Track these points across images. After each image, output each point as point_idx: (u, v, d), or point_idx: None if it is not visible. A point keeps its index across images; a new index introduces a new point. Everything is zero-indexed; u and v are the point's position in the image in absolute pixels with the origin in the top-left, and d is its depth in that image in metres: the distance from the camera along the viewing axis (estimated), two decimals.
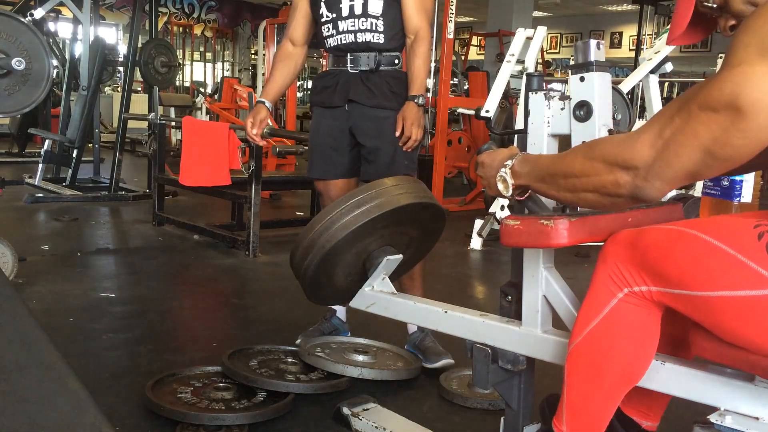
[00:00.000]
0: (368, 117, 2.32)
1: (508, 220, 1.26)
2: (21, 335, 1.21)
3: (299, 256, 1.82)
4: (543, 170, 1.20)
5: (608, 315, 1.21)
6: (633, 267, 1.19)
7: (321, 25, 2.36)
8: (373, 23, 2.28)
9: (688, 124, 0.98)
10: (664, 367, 1.21)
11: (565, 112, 1.38)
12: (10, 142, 8.16)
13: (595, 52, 1.34)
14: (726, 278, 1.06)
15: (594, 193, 1.10)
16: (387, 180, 1.90)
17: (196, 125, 4.43)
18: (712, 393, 1.15)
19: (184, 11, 14.81)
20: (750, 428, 1.08)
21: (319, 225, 1.77)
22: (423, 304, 1.71)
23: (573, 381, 1.27)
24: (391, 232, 1.86)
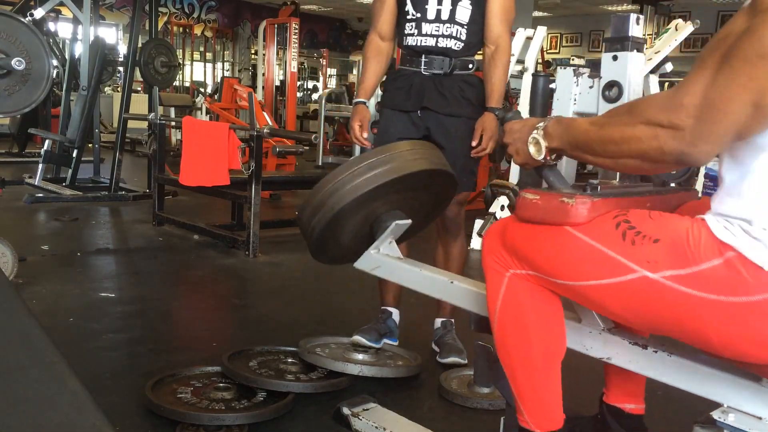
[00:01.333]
0: (441, 123, 2.31)
1: (526, 194, 1.23)
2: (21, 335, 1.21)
3: (307, 215, 1.77)
4: (579, 135, 1.17)
5: (505, 295, 1.27)
6: (507, 253, 1.25)
7: (404, 22, 2.34)
8: (458, 30, 2.27)
9: (732, 80, 0.95)
10: (670, 359, 1.21)
11: (593, 91, 1.34)
12: (10, 142, 8.15)
13: (633, 27, 1.27)
14: (590, 269, 1.12)
15: (637, 159, 1.07)
16: (401, 144, 1.85)
17: (196, 125, 4.42)
18: (717, 389, 1.15)
19: (184, 11, 14.82)
20: (753, 428, 1.08)
21: (329, 185, 1.71)
22: (429, 272, 1.67)
23: (509, 370, 1.31)
24: (401, 197, 1.82)
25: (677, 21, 5.08)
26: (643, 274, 1.06)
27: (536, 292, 1.25)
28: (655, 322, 1.11)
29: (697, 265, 1.02)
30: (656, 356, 1.22)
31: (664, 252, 1.05)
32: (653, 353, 1.23)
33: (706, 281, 1.02)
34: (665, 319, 1.08)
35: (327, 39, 17.07)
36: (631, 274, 1.07)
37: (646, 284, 1.06)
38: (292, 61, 8.07)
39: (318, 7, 15.85)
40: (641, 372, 1.27)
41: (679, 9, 13.15)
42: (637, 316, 1.12)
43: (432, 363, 2.40)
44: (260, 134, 3.92)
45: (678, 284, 1.03)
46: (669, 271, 1.04)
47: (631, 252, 1.08)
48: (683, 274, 1.03)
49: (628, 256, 1.08)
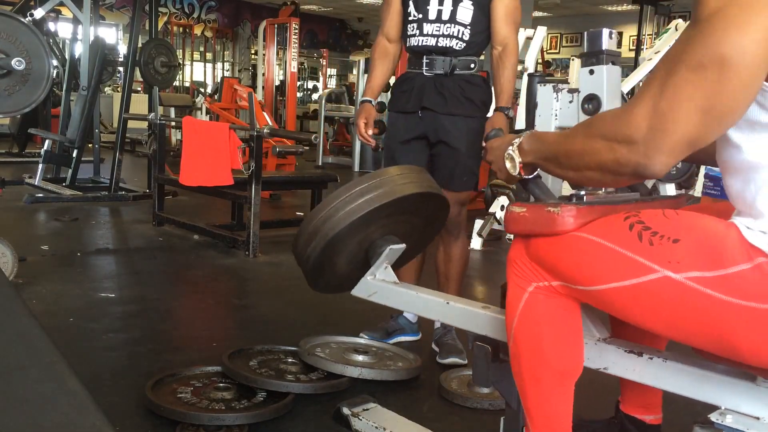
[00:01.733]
0: (440, 123, 2.34)
1: (514, 207, 1.25)
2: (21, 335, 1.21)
3: (302, 243, 1.79)
4: (548, 147, 1.19)
5: (523, 311, 1.25)
6: (531, 263, 1.23)
7: (407, 23, 2.37)
8: (459, 30, 2.29)
9: (679, 88, 0.96)
10: (665, 365, 1.21)
11: (573, 105, 1.35)
12: (10, 142, 8.15)
13: (607, 42, 1.29)
14: (610, 271, 1.10)
15: (596, 171, 1.08)
16: (391, 169, 1.89)
17: (196, 125, 4.43)
18: (713, 392, 1.15)
19: (184, 11, 14.82)
20: (750, 428, 1.08)
21: (323, 212, 1.75)
22: (425, 295, 1.69)
23: (521, 387, 1.30)
24: (394, 221, 1.85)
25: (677, 21, 5.09)
26: (665, 274, 1.04)
27: (557, 309, 1.23)
28: (678, 326, 1.07)
29: (725, 268, 1.00)
30: (652, 363, 1.22)
31: (687, 252, 1.03)
32: (649, 360, 1.23)
33: (733, 285, 0.99)
34: (688, 324, 1.05)
35: (327, 39, 17.08)
36: (653, 274, 1.05)
37: (669, 285, 1.04)
38: (292, 61, 8.07)
39: (318, 7, 15.85)
40: (639, 380, 1.26)
41: (679, 9, 13.14)
42: (660, 320, 1.09)
43: (432, 363, 2.40)
44: (260, 134, 3.92)
45: (703, 286, 1.01)
46: (693, 272, 1.01)
47: (650, 252, 1.06)
48: (709, 277, 1.00)
49: (647, 256, 1.06)
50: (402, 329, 2.49)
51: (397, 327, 2.49)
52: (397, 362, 2.35)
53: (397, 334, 2.47)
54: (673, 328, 1.09)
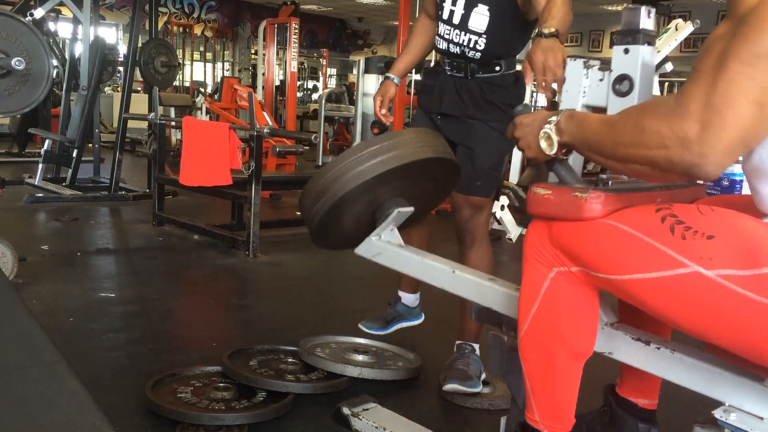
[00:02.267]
0: (457, 127, 2.19)
1: (538, 189, 1.21)
2: (21, 335, 1.21)
3: (309, 200, 1.75)
4: (590, 133, 1.14)
5: (545, 296, 1.23)
6: (554, 248, 1.21)
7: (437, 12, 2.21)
8: (472, 40, 2.09)
9: (732, 82, 0.94)
10: (672, 356, 1.20)
11: (603, 84, 1.31)
12: (10, 142, 8.15)
13: (644, 20, 1.24)
14: (638, 262, 1.08)
15: (645, 165, 1.05)
16: (406, 131, 1.83)
17: (196, 125, 4.42)
18: (719, 387, 1.14)
19: (184, 11, 14.82)
20: (754, 428, 1.08)
21: (332, 171, 1.70)
22: (430, 260, 1.64)
23: (530, 368, 1.29)
24: (404, 184, 1.81)
25: (677, 21, 5.09)
26: (696, 269, 1.02)
27: (577, 295, 1.22)
28: (702, 323, 1.06)
29: (760, 267, 0.98)
30: (659, 353, 1.21)
31: (721, 249, 1.01)
32: (656, 350, 1.22)
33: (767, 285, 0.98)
34: (714, 321, 1.04)
35: (327, 39, 17.07)
36: (682, 268, 1.03)
37: (698, 281, 1.02)
38: (292, 61, 8.06)
39: (318, 7, 15.85)
40: (643, 368, 1.25)
41: (679, 9, 13.14)
42: (685, 315, 1.07)
43: (432, 363, 2.39)
44: (260, 134, 3.92)
45: (735, 285, 0.99)
46: (726, 270, 1.00)
47: (682, 246, 1.04)
48: (742, 275, 0.99)
49: (678, 250, 1.04)
50: (400, 316, 2.40)
51: (396, 314, 2.39)
52: (397, 362, 2.35)
53: (396, 321, 2.38)
54: (696, 324, 1.07)
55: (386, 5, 14.91)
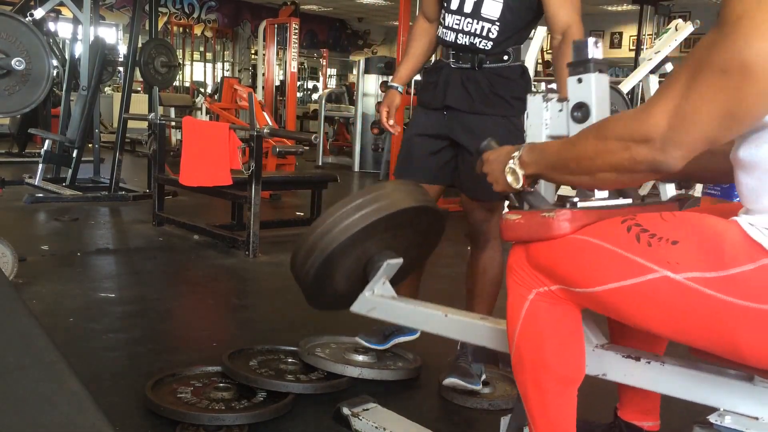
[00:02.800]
0: (464, 123, 2.10)
1: (508, 215, 1.25)
2: (21, 335, 1.21)
3: (300, 260, 1.82)
4: (553, 156, 1.18)
5: (525, 318, 1.25)
6: (531, 269, 1.24)
7: (440, 8, 2.16)
8: (485, 28, 2.03)
9: (702, 90, 0.96)
10: (663, 368, 1.22)
11: (563, 114, 1.37)
12: (10, 142, 8.15)
13: (592, 50, 1.30)
14: (609, 272, 1.11)
15: (611, 172, 1.08)
16: (387, 183, 1.88)
17: (196, 125, 4.43)
18: (712, 393, 1.15)
19: (184, 11, 14.82)
20: (749, 428, 1.08)
21: (320, 228, 1.77)
22: (423, 308, 1.71)
23: (523, 393, 1.30)
24: (391, 236, 1.85)
25: (677, 21, 5.09)
26: (664, 274, 1.04)
27: (558, 315, 1.23)
28: (678, 326, 1.07)
29: (726, 269, 0.99)
30: (649, 367, 1.23)
31: (686, 253, 1.03)
32: (646, 364, 1.23)
33: (736, 286, 0.99)
34: (688, 324, 1.05)
35: (327, 39, 17.08)
36: (651, 273, 1.05)
37: (668, 285, 1.03)
38: (292, 61, 8.07)
39: (318, 7, 15.85)
40: (637, 384, 1.27)
41: (679, 9, 13.14)
42: (659, 320, 1.09)
43: (432, 364, 2.39)
44: (260, 134, 3.92)
45: (704, 287, 1.00)
46: (693, 272, 1.01)
47: (648, 253, 1.06)
48: (710, 277, 1.00)
49: (646, 257, 1.06)
50: (399, 330, 2.38)
51: (394, 328, 2.37)
52: (397, 362, 2.35)
53: (394, 336, 2.37)
54: (672, 329, 1.09)
55: (386, 5, 14.91)
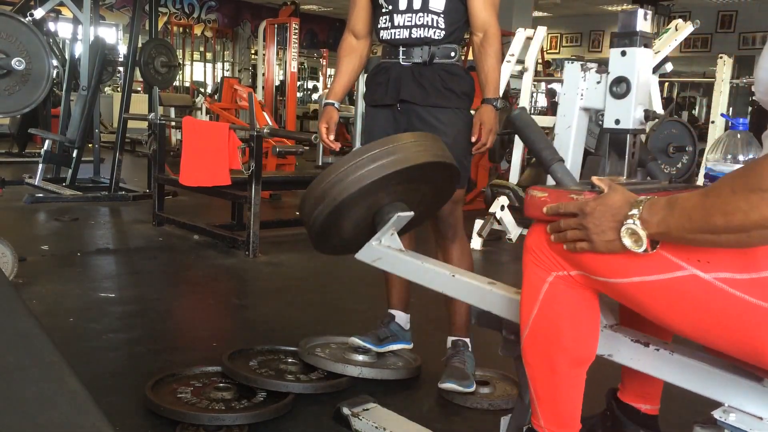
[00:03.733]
0: (422, 117, 2.17)
1: (534, 191, 1.22)
2: (21, 335, 1.21)
3: (309, 206, 1.74)
4: (689, 212, 1.00)
5: (544, 300, 1.23)
6: (552, 253, 1.21)
7: (378, 15, 2.24)
8: (433, 19, 2.14)
9: None
10: (672, 357, 1.20)
11: (600, 86, 1.32)
12: (10, 142, 8.15)
13: (641, 22, 1.24)
14: (636, 265, 1.08)
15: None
16: (405, 135, 1.83)
17: (196, 125, 4.43)
18: (718, 388, 1.14)
19: (184, 11, 14.81)
20: (753, 428, 1.08)
21: (332, 176, 1.69)
22: (430, 265, 1.65)
23: (533, 374, 1.29)
24: (404, 189, 1.80)
25: (677, 21, 5.09)
26: (693, 272, 1.02)
27: (577, 299, 1.22)
28: (700, 325, 1.06)
29: (757, 271, 0.98)
30: (658, 354, 1.21)
31: (717, 253, 1.01)
32: (655, 351, 1.22)
33: (765, 289, 0.97)
34: (711, 324, 1.04)
35: (327, 39, 17.06)
36: (680, 271, 1.03)
37: (696, 284, 1.02)
38: (292, 61, 8.06)
39: (318, 7, 15.85)
40: (643, 369, 1.25)
41: (679, 9, 13.14)
42: (681, 318, 1.07)
43: (432, 363, 2.39)
44: (260, 134, 3.92)
45: (732, 288, 0.99)
46: (723, 273, 1.00)
47: (678, 249, 1.04)
48: (739, 279, 0.99)
49: (675, 253, 1.04)
50: (394, 336, 2.38)
51: (389, 334, 2.37)
52: (397, 362, 2.35)
53: (389, 341, 2.36)
54: (694, 327, 1.07)
55: None
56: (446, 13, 2.14)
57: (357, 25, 2.33)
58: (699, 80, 11.99)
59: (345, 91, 2.39)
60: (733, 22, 14.07)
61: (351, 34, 2.36)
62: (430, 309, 2.55)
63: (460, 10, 2.17)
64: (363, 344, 2.28)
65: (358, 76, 2.44)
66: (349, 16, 2.36)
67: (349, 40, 2.36)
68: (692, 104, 15.48)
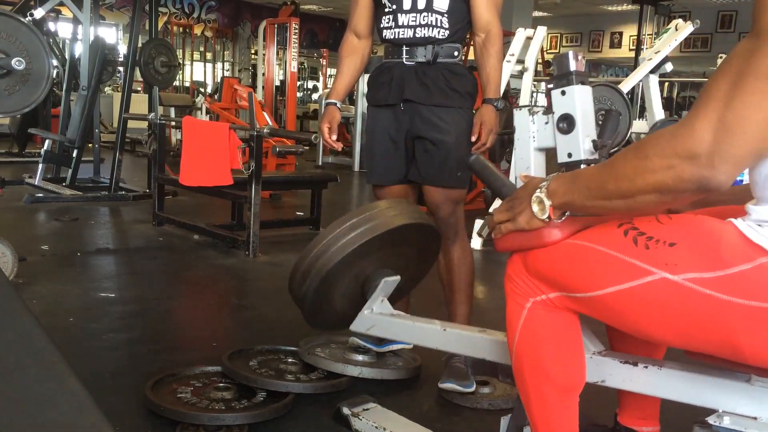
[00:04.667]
0: (425, 117, 2.18)
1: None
2: (21, 335, 1.21)
3: (297, 281, 1.84)
4: (587, 181, 1.11)
5: (523, 327, 1.25)
6: (530, 278, 1.23)
7: (381, 15, 2.23)
8: (437, 19, 2.14)
9: (747, 99, 0.93)
10: (661, 372, 1.22)
11: (549, 126, 1.39)
12: (10, 142, 8.15)
13: (573, 63, 1.34)
14: (608, 275, 1.10)
15: (653, 193, 1.01)
16: (380, 203, 1.89)
17: (196, 125, 4.43)
18: (709, 395, 1.15)
19: (184, 11, 14.82)
20: (748, 428, 1.09)
21: (315, 250, 1.79)
22: (421, 324, 1.73)
23: (525, 401, 1.30)
24: (387, 254, 1.87)
25: (677, 21, 5.10)
26: (663, 275, 1.03)
27: (557, 323, 1.23)
28: (677, 329, 1.07)
29: (723, 269, 0.99)
30: (647, 371, 1.23)
31: (683, 254, 1.03)
32: (644, 369, 1.24)
33: (734, 285, 0.98)
34: (688, 325, 1.05)
35: (327, 39, 17.07)
36: (649, 276, 1.05)
37: (667, 286, 1.03)
38: (292, 61, 8.07)
39: (318, 7, 15.85)
40: (636, 390, 1.27)
41: (679, 9, 13.15)
42: (658, 323, 1.08)
43: (432, 363, 2.39)
44: (260, 134, 3.92)
45: (702, 287, 1.00)
46: (691, 273, 1.01)
47: (646, 256, 1.06)
48: (708, 278, 1.00)
49: (643, 259, 1.06)
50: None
51: None
52: (397, 362, 2.34)
53: (389, 341, 2.33)
54: (672, 332, 1.09)
55: None
56: (450, 12, 2.15)
57: (359, 24, 2.33)
58: (699, 80, 12.00)
59: (347, 90, 2.38)
60: (733, 22, 14.09)
61: (353, 33, 2.35)
62: (430, 309, 2.55)
63: (463, 10, 2.17)
64: (363, 344, 2.28)
65: (359, 76, 2.44)
66: (351, 16, 2.35)
67: (351, 39, 2.36)
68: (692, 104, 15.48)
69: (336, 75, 2.40)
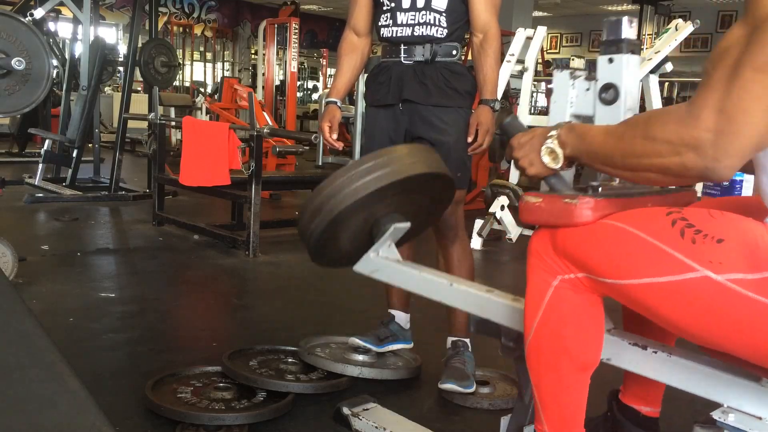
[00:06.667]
0: (424, 117, 2.17)
1: (529, 197, 1.22)
2: (21, 335, 1.21)
3: (306, 219, 1.75)
4: (596, 146, 1.15)
5: (549, 305, 1.22)
6: (558, 256, 1.20)
7: (380, 13, 2.22)
8: (436, 18, 2.14)
9: (746, 89, 0.94)
10: (669, 359, 1.20)
11: (590, 93, 1.32)
12: (10, 142, 8.15)
13: (627, 30, 1.26)
14: (646, 266, 1.07)
15: (658, 173, 1.06)
16: (399, 147, 1.83)
17: (196, 125, 4.43)
18: (717, 389, 1.14)
19: (184, 11, 14.82)
20: (753, 428, 1.08)
21: (327, 189, 1.70)
22: (428, 275, 1.65)
23: (536, 379, 1.28)
24: (400, 200, 1.80)
25: (677, 21, 5.09)
26: (705, 274, 1.01)
27: (582, 303, 1.21)
28: (711, 328, 1.05)
29: (763, 271, 0.98)
30: (656, 357, 1.21)
31: (730, 253, 1.01)
32: (653, 354, 1.22)
33: None
34: (722, 326, 1.03)
35: (327, 39, 17.07)
36: (691, 273, 1.02)
37: (708, 285, 1.01)
38: (292, 61, 8.06)
39: (318, 7, 15.85)
40: (641, 373, 1.25)
41: (679, 9, 13.14)
42: (692, 321, 1.06)
43: (432, 363, 2.39)
44: (260, 134, 3.92)
45: (744, 289, 0.99)
46: (734, 274, 0.99)
47: (691, 250, 1.03)
48: (752, 279, 0.98)
49: (688, 254, 1.03)
50: (394, 336, 2.37)
51: (389, 334, 2.36)
52: (397, 362, 2.35)
53: (389, 341, 2.35)
54: (704, 330, 1.06)
55: None
56: (448, 11, 2.15)
57: (358, 22, 2.32)
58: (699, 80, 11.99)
59: (347, 89, 2.37)
60: (733, 22, 14.07)
61: (352, 31, 2.34)
62: (430, 309, 2.54)
63: (462, 10, 2.17)
64: (363, 344, 2.28)
65: (359, 74, 2.43)
66: (350, 14, 2.34)
67: (350, 37, 2.34)
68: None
69: (336, 73, 2.39)
